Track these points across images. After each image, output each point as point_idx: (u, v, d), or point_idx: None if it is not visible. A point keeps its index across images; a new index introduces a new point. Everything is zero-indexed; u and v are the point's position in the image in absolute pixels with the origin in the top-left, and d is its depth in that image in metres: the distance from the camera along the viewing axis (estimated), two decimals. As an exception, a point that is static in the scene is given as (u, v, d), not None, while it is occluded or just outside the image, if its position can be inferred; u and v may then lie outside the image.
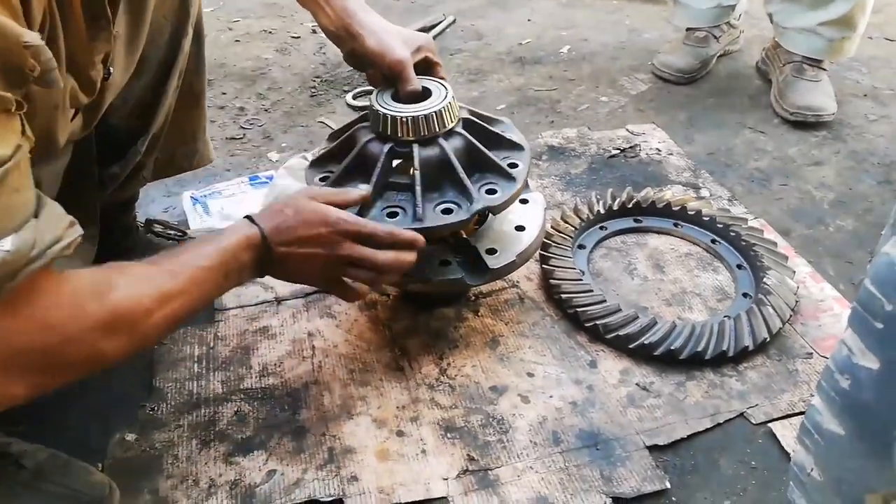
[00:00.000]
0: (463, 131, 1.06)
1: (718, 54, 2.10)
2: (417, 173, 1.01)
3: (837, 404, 0.57)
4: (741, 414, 1.04)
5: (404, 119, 1.01)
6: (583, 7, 2.60)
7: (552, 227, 1.34)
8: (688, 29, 2.07)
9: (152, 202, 1.51)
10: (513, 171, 1.05)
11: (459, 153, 1.04)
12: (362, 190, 1.00)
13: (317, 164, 1.13)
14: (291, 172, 1.47)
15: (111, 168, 1.12)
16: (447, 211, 1.01)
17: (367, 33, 1.05)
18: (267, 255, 0.90)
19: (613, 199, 1.42)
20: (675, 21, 2.10)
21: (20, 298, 0.66)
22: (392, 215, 1.01)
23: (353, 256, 0.92)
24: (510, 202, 1.04)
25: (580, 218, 1.37)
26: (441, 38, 2.36)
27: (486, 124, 1.11)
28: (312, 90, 2.02)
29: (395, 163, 1.07)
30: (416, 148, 1.02)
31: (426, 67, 1.11)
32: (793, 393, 1.07)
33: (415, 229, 0.97)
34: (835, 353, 0.57)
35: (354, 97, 1.96)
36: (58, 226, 0.69)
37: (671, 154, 1.70)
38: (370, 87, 2.02)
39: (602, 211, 1.40)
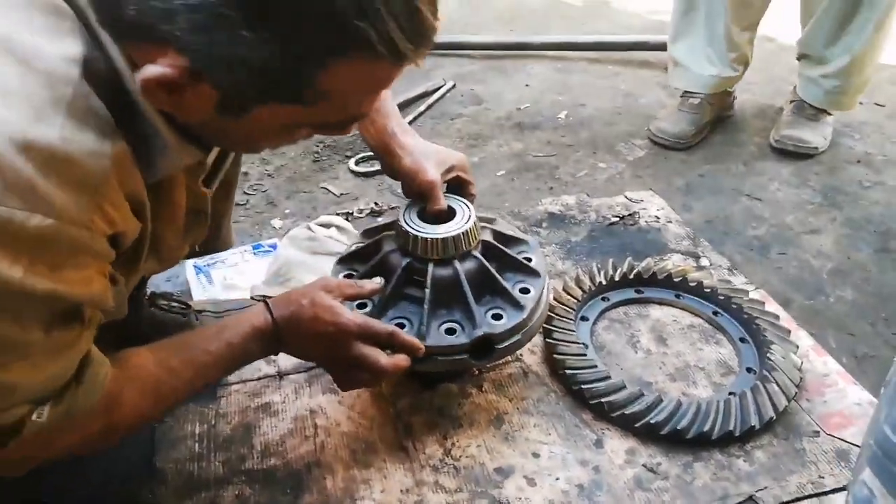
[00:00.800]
0: (479, 255, 1.11)
1: (713, 120, 2.15)
2: (428, 291, 1.06)
3: None
4: (750, 497, 1.02)
5: (424, 239, 1.07)
6: (579, 72, 2.67)
7: (554, 298, 1.34)
8: (682, 95, 2.13)
9: (155, 271, 1.52)
10: (523, 299, 1.09)
11: (472, 276, 1.09)
12: (375, 283, 1.05)
13: (344, 261, 1.20)
14: (294, 242, 1.48)
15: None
16: (450, 331, 1.06)
17: (404, 153, 1.14)
18: (276, 342, 0.94)
19: (615, 269, 1.43)
20: (672, 82, 2.16)
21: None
22: (399, 326, 1.06)
23: (356, 358, 0.96)
24: (514, 332, 1.08)
25: (582, 289, 1.38)
26: (440, 103, 2.42)
27: (505, 247, 1.16)
28: (315, 155, 2.06)
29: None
30: (430, 267, 1.07)
31: (457, 186, 1.19)
32: (801, 474, 1.06)
33: None
34: (855, 491, 0.56)
35: (357, 163, 1.99)
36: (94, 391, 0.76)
37: (670, 222, 1.72)
38: (371, 154, 2.07)
39: (604, 282, 1.41)
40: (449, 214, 1.13)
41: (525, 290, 1.12)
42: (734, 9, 1.96)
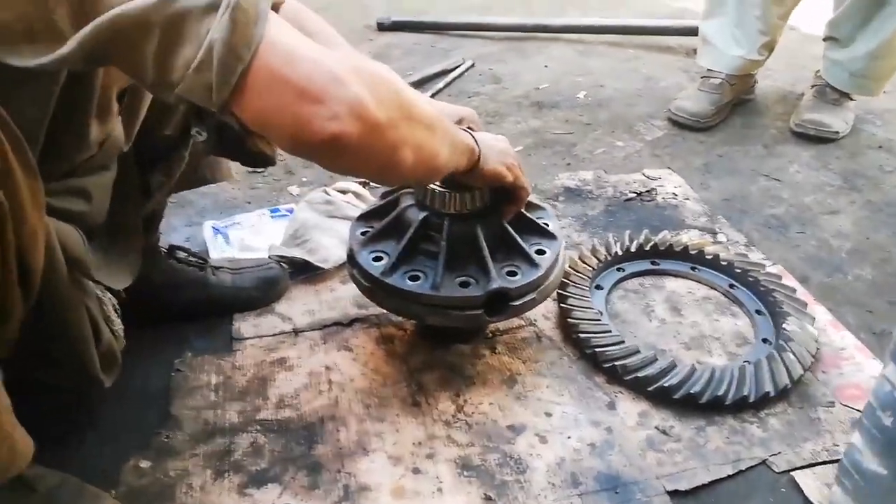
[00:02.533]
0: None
1: (734, 102, 2.13)
2: (444, 244, 1.06)
3: (879, 442, 0.56)
4: (763, 461, 1.02)
5: (441, 193, 1.07)
6: (599, 55, 2.65)
7: (570, 266, 1.34)
8: (703, 76, 2.11)
9: (174, 231, 1.53)
10: (538, 258, 1.10)
11: (488, 232, 1.09)
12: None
13: (362, 218, 1.20)
14: (312, 206, 1.49)
15: (156, 176, 1.10)
16: (464, 284, 1.06)
17: None
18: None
19: (631, 241, 1.43)
20: (700, 61, 2.15)
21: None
22: (413, 278, 1.07)
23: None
24: (529, 288, 1.08)
25: (598, 259, 1.38)
26: (459, 81, 2.41)
27: (523, 208, 1.16)
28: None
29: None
30: (446, 221, 1.07)
31: None
32: (815, 442, 1.05)
33: (431, 296, 1.04)
34: (876, 388, 0.56)
35: (374, 135, 1.99)
36: None
37: (687, 199, 1.71)
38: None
39: (620, 252, 1.40)
40: None
41: (541, 252, 1.13)
42: None
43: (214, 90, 0.65)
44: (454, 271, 1.07)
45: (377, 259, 1.11)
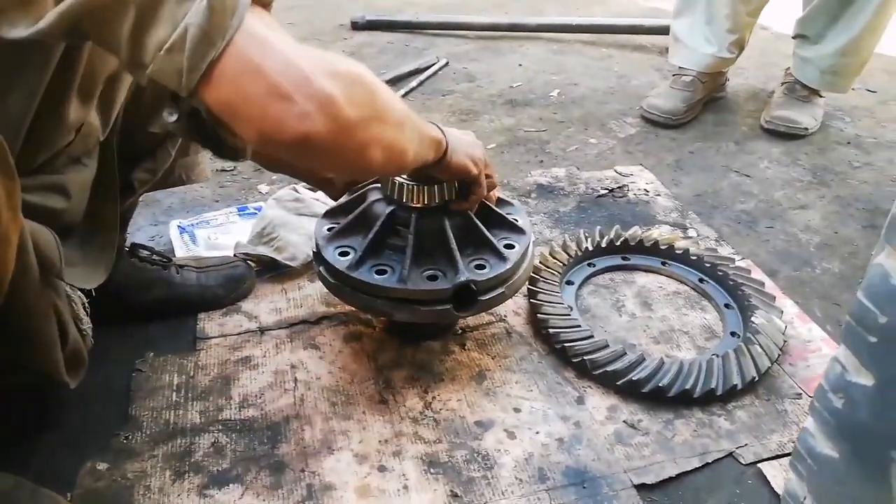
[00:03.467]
0: None
1: (705, 100, 2.14)
2: (411, 237, 1.05)
3: (831, 425, 0.56)
4: (730, 454, 1.02)
5: (408, 187, 1.06)
6: (573, 54, 2.66)
7: (540, 262, 1.33)
8: (675, 73, 2.13)
9: (139, 230, 1.50)
10: (507, 252, 1.09)
11: (456, 226, 1.08)
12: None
13: (329, 214, 1.19)
14: (280, 203, 1.47)
15: (139, 173, 1.10)
16: (432, 277, 1.05)
17: None
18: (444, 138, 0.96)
19: (602, 236, 1.43)
20: (671, 59, 2.16)
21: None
22: (381, 272, 1.06)
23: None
24: (497, 280, 1.07)
25: (568, 254, 1.37)
26: (433, 79, 2.40)
27: (491, 204, 1.16)
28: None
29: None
30: (414, 215, 1.06)
31: None
32: (782, 433, 1.05)
33: (397, 289, 1.02)
34: (828, 371, 0.56)
35: (346, 133, 1.98)
36: None
37: (659, 195, 1.71)
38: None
39: (590, 248, 1.40)
40: None
41: (510, 246, 1.12)
42: None
43: (184, 74, 0.64)
44: (422, 265, 1.06)
45: (343, 254, 1.09)
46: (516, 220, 1.17)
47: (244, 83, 0.67)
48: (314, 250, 1.13)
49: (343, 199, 1.21)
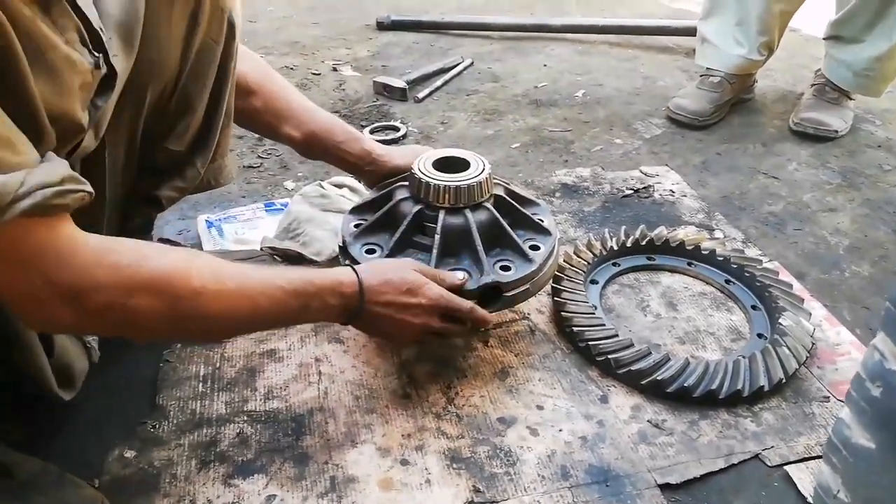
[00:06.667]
0: (490, 207, 1.11)
1: (732, 102, 2.12)
2: (437, 237, 1.06)
3: (868, 415, 0.54)
4: (756, 455, 1.01)
5: (436, 186, 1.07)
6: (598, 55, 2.65)
7: (565, 260, 1.33)
8: (702, 74, 2.11)
9: (167, 224, 1.52)
10: (532, 254, 1.09)
11: (482, 226, 1.08)
12: (460, 276, 1.04)
13: (356, 211, 1.19)
14: (307, 199, 1.48)
15: (167, 190, 1.09)
16: None
17: (392, 156, 1.25)
18: (357, 308, 0.95)
19: (627, 236, 1.42)
20: (698, 60, 2.14)
21: (18, 244, 0.65)
22: None
23: (437, 330, 1.02)
24: (522, 283, 1.07)
25: (593, 253, 1.36)
26: (458, 79, 2.40)
27: (517, 203, 1.16)
28: (330, 124, 2.05)
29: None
30: (441, 214, 1.07)
31: None
32: (809, 436, 1.04)
33: None
34: (865, 359, 0.55)
35: (372, 132, 1.99)
36: (56, 172, 0.66)
37: (685, 196, 1.70)
38: (387, 123, 2.05)
39: (615, 247, 1.39)
40: (463, 165, 1.13)
41: (535, 248, 1.12)
42: None
43: None
44: (447, 265, 1.07)
45: (370, 251, 1.10)
46: (542, 221, 1.17)
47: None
48: (340, 245, 1.14)
49: (370, 195, 1.22)
